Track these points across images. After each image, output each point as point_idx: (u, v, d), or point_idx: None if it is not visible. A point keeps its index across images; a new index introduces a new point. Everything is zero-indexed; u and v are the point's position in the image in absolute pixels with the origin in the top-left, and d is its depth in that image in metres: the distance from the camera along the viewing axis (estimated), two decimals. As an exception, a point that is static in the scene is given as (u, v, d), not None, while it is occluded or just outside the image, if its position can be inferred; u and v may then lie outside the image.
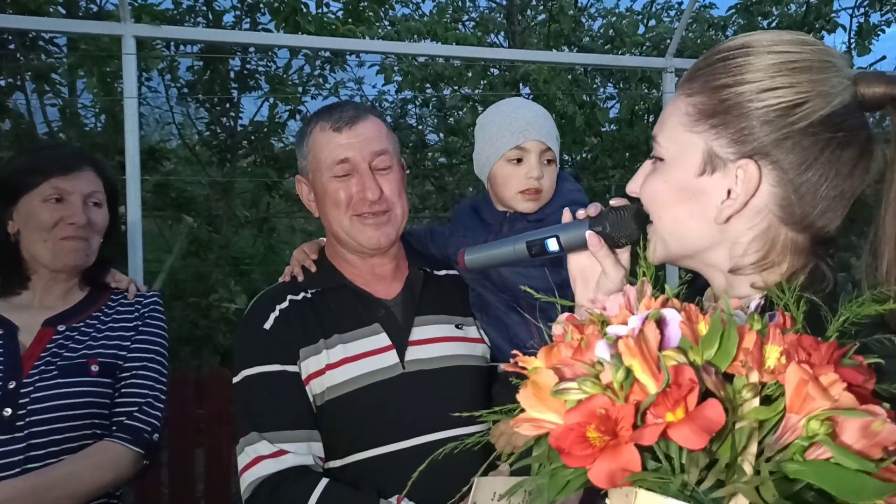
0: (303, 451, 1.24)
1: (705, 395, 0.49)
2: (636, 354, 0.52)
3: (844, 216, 0.74)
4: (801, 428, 0.51)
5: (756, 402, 0.52)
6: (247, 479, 1.22)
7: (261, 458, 1.22)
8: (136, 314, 1.57)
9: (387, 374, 1.27)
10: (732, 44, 0.75)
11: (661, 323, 0.57)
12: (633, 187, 0.84)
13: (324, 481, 1.20)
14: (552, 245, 0.95)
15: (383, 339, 1.30)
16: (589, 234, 0.89)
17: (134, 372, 1.49)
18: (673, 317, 0.57)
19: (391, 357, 1.29)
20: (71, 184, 1.47)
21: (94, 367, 1.44)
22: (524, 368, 0.63)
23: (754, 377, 0.53)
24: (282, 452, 1.22)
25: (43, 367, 1.41)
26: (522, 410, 0.57)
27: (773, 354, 0.54)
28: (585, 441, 0.49)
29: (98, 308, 1.55)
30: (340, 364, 1.27)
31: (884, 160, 0.72)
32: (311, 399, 1.28)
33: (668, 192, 0.77)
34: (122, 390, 1.47)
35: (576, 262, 0.95)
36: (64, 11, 4.50)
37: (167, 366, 1.57)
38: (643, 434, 0.47)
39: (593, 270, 0.93)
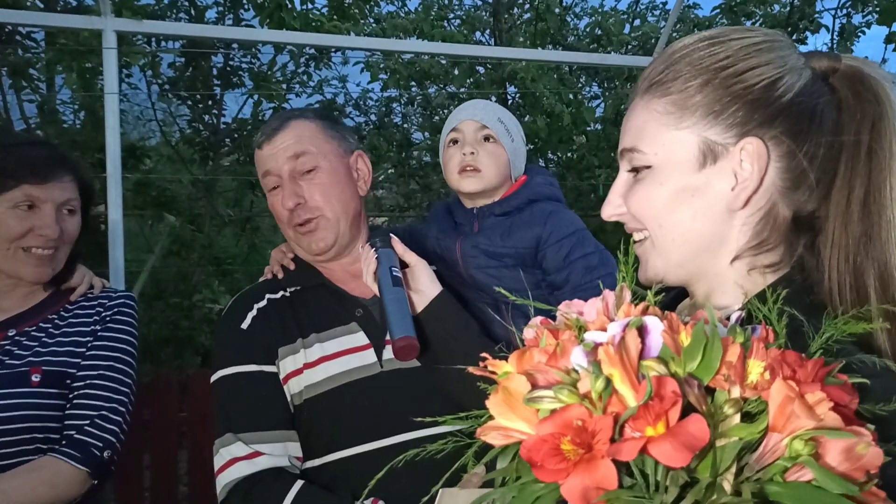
0: (278, 452, 1.22)
1: (686, 409, 0.47)
2: (616, 363, 0.50)
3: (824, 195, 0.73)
4: (783, 447, 0.49)
5: (737, 418, 0.50)
6: (221, 482, 1.21)
7: (235, 459, 1.20)
8: (97, 317, 1.43)
9: (364, 373, 1.26)
10: (685, 42, 0.75)
11: (641, 331, 0.54)
12: (610, 210, 0.80)
13: (298, 483, 1.18)
14: (396, 273, 1.19)
15: (361, 338, 1.29)
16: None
17: (88, 381, 1.36)
18: (655, 325, 0.54)
19: (369, 356, 1.27)
20: (45, 192, 1.35)
21: (36, 377, 1.31)
22: (494, 373, 0.60)
23: (736, 392, 0.51)
24: (256, 454, 1.20)
25: None
26: (491, 417, 0.55)
27: (755, 369, 0.52)
28: (559, 454, 0.46)
29: (55, 310, 1.42)
30: (318, 363, 1.26)
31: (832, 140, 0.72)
32: (289, 399, 1.26)
33: (667, 196, 0.75)
34: (74, 401, 1.34)
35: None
36: (42, 5, 4.42)
37: (131, 374, 1.43)
38: (621, 449, 0.44)
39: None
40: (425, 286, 1.21)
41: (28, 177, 1.34)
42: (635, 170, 0.78)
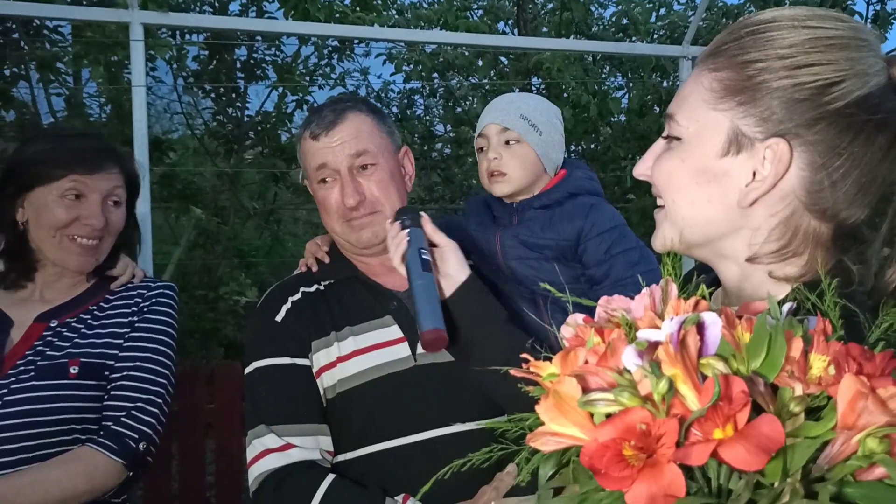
0: (310, 445, 1.22)
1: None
2: (677, 363, 0.48)
3: (870, 208, 0.69)
4: (853, 446, 0.46)
5: (802, 416, 0.48)
6: (254, 473, 1.22)
7: (268, 451, 1.21)
8: (135, 308, 1.44)
9: (398, 367, 1.25)
10: (761, 17, 0.70)
11: (699, 327, 0.52)
12: (641, 170, 0.79)
13: (330, 477, 1.18)
14: (425, 255, 1.14)
15: (395, 332, 1.28)
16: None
17: (125, 373, 1.36)
18: (713, 321, 0.52)
19: (403, 349, 1.27)
20: (92, 182, 1.37)
21: (74, 369, 1.32)
22: (536, 374, 0.58)
23: (800, 389, 0.48)
24: (289, 446, 1.21)
25: (22, 368, 1.30)
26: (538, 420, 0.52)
27: (817, 364, 0.49)
28: (623, 460, 0.44)
29: (96, 302, 1.42)
30: (351, 356, 1.26)
31: None
32: (322, 392, 1.26)
33: (686, 174, 0.72)
34: (112, 392, 1.35)
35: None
36: (69, -1, 4.46)
37: (169, 365, 1.43)
38: (690, 453, 0.42)
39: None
40: (454, 270, 1.17)
41: (77, 167, 1.36)
42: (669, 137, 0.75)
